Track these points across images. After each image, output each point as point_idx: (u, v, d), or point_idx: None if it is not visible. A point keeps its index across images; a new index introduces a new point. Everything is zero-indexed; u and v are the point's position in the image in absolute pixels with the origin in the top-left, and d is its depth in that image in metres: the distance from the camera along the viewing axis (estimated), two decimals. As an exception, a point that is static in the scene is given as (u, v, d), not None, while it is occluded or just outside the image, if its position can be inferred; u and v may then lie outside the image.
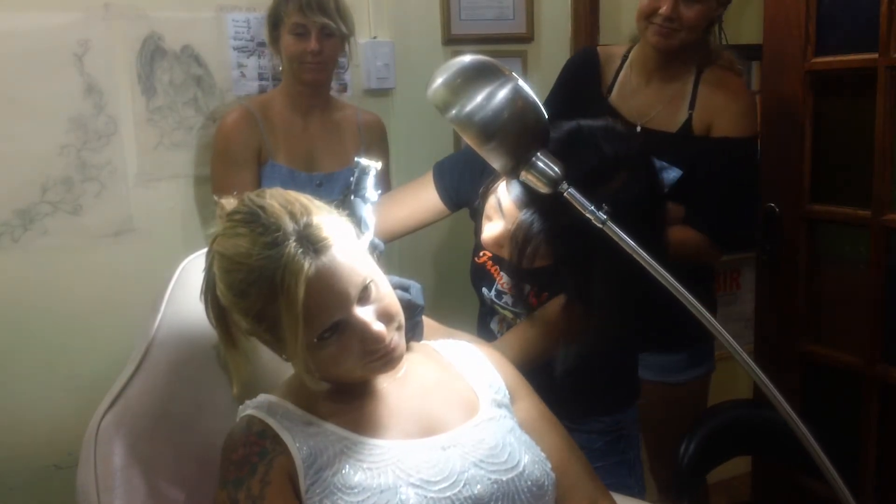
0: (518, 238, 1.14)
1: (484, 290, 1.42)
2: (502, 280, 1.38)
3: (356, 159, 1.18)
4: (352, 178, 1.17)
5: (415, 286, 1.13)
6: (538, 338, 1.29)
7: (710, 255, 1.75)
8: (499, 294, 1.39)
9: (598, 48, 1.91)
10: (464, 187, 1.40)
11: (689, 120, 1.72)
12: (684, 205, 1.70)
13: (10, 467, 1.87)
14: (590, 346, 1.22)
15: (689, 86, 1.74)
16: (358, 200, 1.15)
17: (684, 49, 1.70)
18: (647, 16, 1.68)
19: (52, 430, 1.88)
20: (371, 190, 1.17)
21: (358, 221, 1.11)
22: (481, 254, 1.41)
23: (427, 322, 1.19)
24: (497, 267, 1.38)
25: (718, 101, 1.72)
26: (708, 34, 1.76)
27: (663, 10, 1.63)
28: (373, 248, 1.10)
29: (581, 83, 1.87)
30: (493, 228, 1.21)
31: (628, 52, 1.83)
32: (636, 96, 1.79)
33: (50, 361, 1.89)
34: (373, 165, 1.16)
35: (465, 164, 1.41)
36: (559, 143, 1.11)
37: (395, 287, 1.05)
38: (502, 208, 1.18)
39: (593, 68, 1.85)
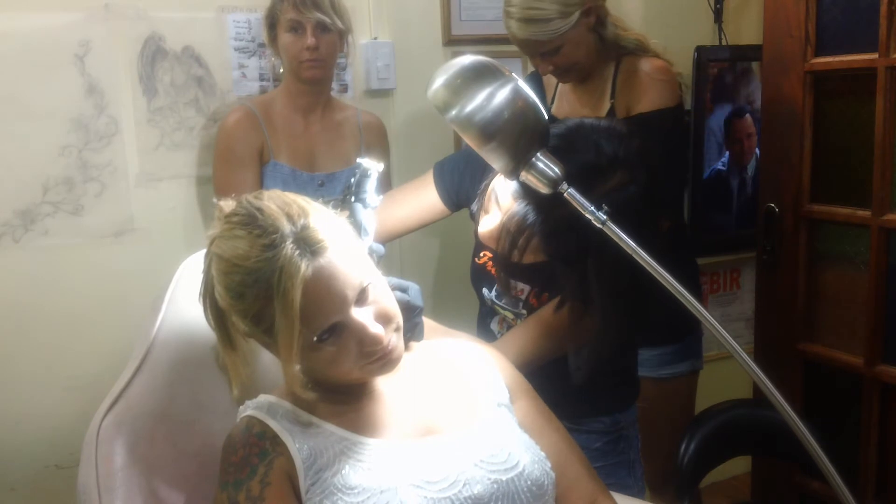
0: (511, 228, 1.14)
1: (484, 290, 1.42)
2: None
3: (358, 160, 1.17)
4: (353, 180, 1.16)
5: (413, 287, 1.13)
6: (538, 338, 1.29)
7: None
8: (499, 295, 1.39)
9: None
10: (464, 188, 1.40)
11: (612, 108, 1.78)
12: None
13: (11, 467, 1.87)
14: (593, 346, 1.22)
15: (609, 79, 1.80)
16: (358, 205, 1.14)
17: (585, 70, 1.78)
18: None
19: (53, 430, 1.88)
20: (372, 194, 1.16)
21: (357, 227, 1.11)
22: (482, 254, 1.41)
23: (427, 322, 1.19)
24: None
25: (633, 83, 1.77)
26: (604, 29, 1.77)
27: (540, 69, 1.78)
28: (371, 252, 1.10)
29: None
30: (489, 221, 1.21)
31: None
32: (569, 103, 1.88)
33: (51, 361, 1.89)
34: (374, 168, 1.16)
35: (465, 165, 1.41)
36: (560, 139, 1.12)
37: (394, 288, 1.05)
38: (499, 202, 1.18)
39: (538, 88, 1.93)
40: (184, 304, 1.15)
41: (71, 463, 1.85)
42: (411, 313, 1.10)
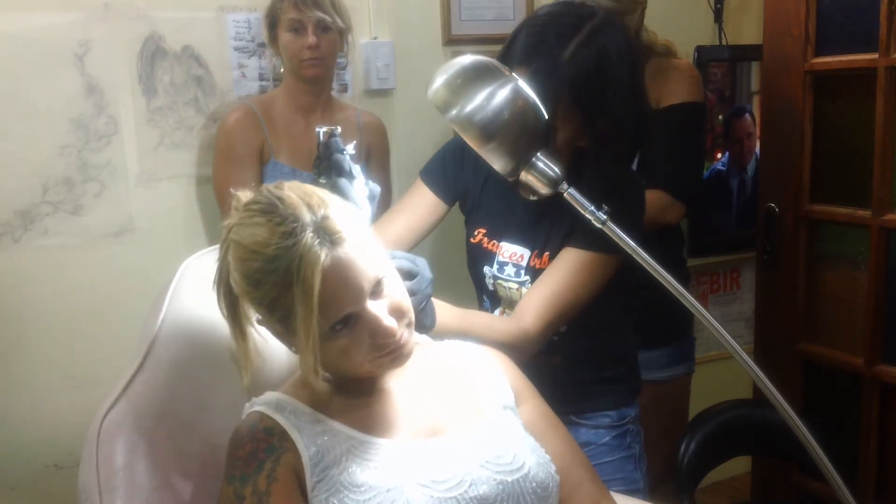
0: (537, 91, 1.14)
1: (486, 268, 1.42)
2: (502, 251, 1.38)
3: (316, 129, 1.13)
4: (319, 152, 1.12)
5: (421, 260, 1.11)
6: (575, 273, 1.27)
7: (672, 211, 1.86)
8: (501, 267, 1.39)
9: None
10: (449, 173, 1.43)
11: None
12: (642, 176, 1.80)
13: (10, 467, 1.87)
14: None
15: None
16: (343, 181, 1.11)
17: None
18: None
19: (53, 429, 1.88)
20: (350, 164, 1.12)
21: (347, 196, 1.08)
22: (476, 233, 1.41)
23: (439, 304, 1.18)
24: (494, 241, 1.39)
25: (665, 78, 1.87)
26: (641, 31, 1.89)
27: None
28: (372, 197, 1.11)
29: None
30: None
31: None
32: None
33: (50, 361, 1.89)
34: (335, 129, 1.12)
35: (443, 156, 1.45)
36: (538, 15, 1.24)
37: (402, 264, 1.05)
38: None
39: None
40: (186, 304, 1.15)
41: (71, 463, 1.86)
42: (422, 285, 1.08)
